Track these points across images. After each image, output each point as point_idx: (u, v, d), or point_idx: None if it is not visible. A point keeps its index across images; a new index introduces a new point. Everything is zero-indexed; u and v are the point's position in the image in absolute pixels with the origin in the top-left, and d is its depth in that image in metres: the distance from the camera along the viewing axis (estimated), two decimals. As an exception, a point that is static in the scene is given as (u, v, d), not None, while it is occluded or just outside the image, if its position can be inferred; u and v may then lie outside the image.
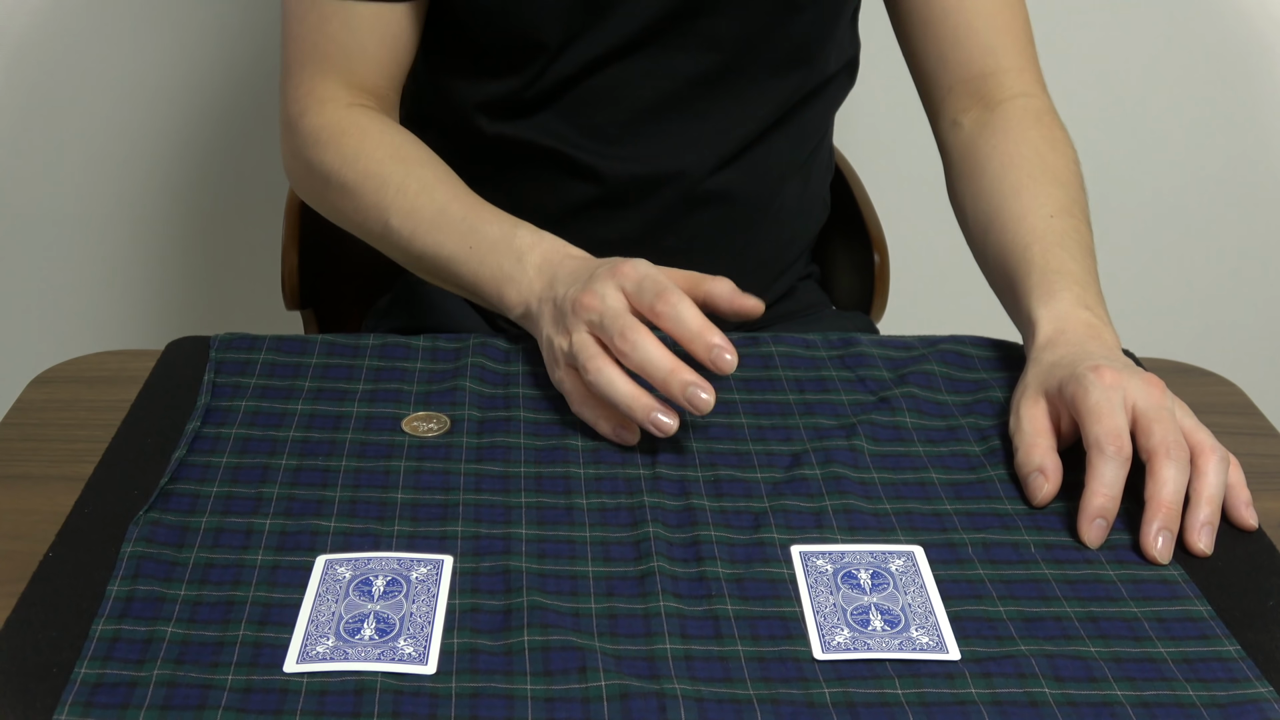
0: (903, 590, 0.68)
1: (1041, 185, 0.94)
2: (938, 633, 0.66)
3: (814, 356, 0.90)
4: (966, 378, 0.88)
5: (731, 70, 1.00)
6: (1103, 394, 0.74)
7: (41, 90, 1.64)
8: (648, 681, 0.61)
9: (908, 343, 0.92)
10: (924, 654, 0.64)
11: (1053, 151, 0.97)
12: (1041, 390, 0.79)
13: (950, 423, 0.83)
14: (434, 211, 0.91)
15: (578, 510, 0.74)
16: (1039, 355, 0.82)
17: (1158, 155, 1.74)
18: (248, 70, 1.64)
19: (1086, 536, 0.72)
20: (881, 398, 0.85)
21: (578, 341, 0.79)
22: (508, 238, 0.88)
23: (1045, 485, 0.75)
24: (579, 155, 1.01)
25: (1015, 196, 0.93)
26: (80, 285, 1.76)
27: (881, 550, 0.71)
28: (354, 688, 0.61)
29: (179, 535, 0.71)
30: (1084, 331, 0.82)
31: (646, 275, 0.79)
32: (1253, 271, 1.82)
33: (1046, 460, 0.75)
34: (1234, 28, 1.66)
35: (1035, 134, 0.98)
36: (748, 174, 1.05)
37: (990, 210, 0.95)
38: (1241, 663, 0.64)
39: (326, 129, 0.97)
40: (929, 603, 0.68)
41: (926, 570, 0.70)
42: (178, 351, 0.89)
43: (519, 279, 0.86)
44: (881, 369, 0.88)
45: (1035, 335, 0.83)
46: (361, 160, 0.95)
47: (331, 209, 0.99)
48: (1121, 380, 0.75)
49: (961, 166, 1.02)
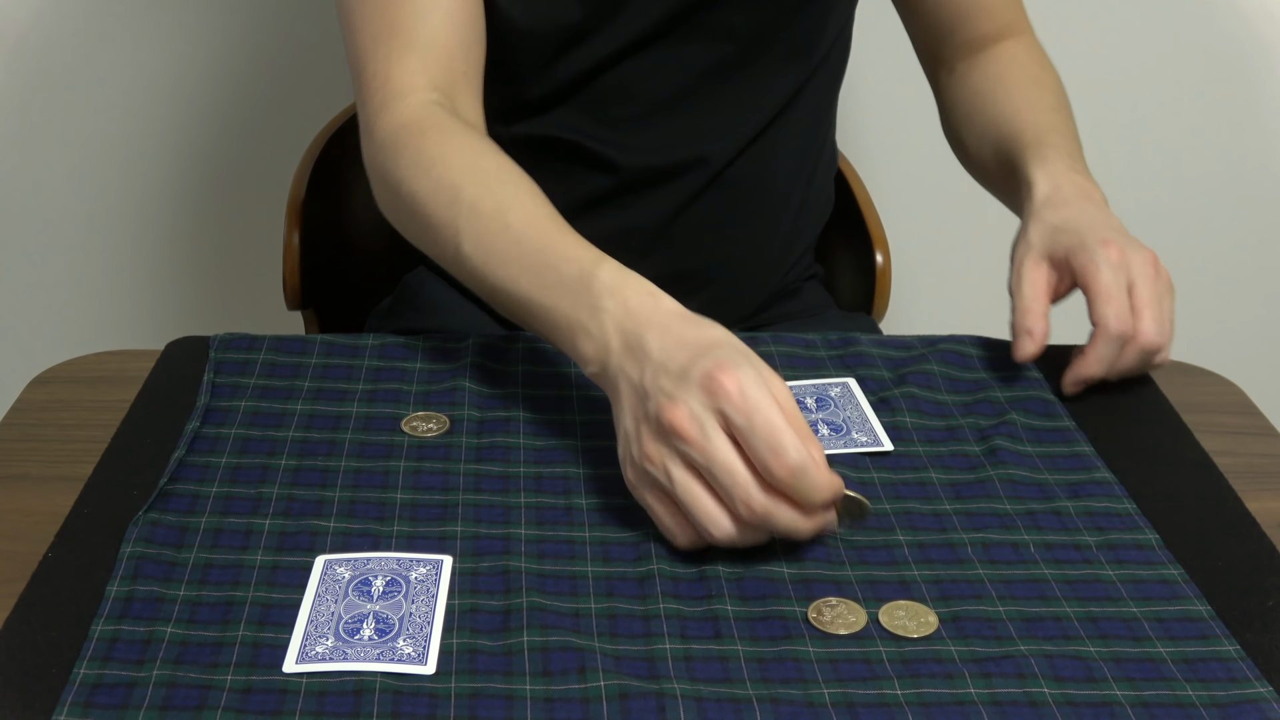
0: (841, 408, 0.84)
1: (1033, 90, 1.03)
2: (873, 433, 0.81)
3: (814, 356, 0.90)
4: (966, 378, 0.88)
5: (744, 59, 1.01)
6: (1112, 275, 0.83)
7: (41, 90, 1.64)
8: (647, 681, 0.61)
9: (908, 343, 0.92)
10: (865, 448, 0.80)
11: (1041, 69, 1.06)
12: (1046, 253, 0.87)
13: (950, 423, 0.83)
14: (508, 241, 0.81)
15: (577, 510, 0.74)
16: (1040, 212, 0.89)
17: (1158, 155, 1.74)
18: (249, 70, 1.64)
19: (1068, 385, 0.86)
20: (881, 398, 0.85)
21: (681, 487, 0.69)
22: (585, 280, 0.76)
23: (1030, 347, 0.84)
24: (595, 147, 1.02)
25: (1008, 100, 1.03)
26: (80, 285, 1.76)
27: (822, 382, 0.87)
28: (353, 688, 0.61)
29: (178, 536, 0.71)
30: (1078, 191, 0.90)
31: (756, 411, 0.67)
32: (1253, 271, 1.81)
33: (1038, 326, 0.84)
34: (1234, 28, 1.66)
35: (1025, 56, 1.07)
36: (761, 161, 1.06)
37: (986, 116, 1.04)
38: (1241, 663, 0.64)
39: (406, 129, 0.89)
40: (864, 414, 0.83)
41: (859, 393, 0.85)
42: (177, 351, 0.89)
43: (594, 333, 0.75)
44: (881, 369, 0.88)
45: (1033, 193, 0.91)
46: (436, 168, 0.86)
47: (409, 230, 0.90)
48: (1126, 258, 0.84)
49: (956, 95, 1.10)
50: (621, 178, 1.03)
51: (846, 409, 0.84)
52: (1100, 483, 0.78)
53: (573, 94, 1.01)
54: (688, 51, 1.00)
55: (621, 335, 0.74)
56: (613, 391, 0.75)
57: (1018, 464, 0.79)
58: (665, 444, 0.69)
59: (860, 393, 0.86)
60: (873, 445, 0.80)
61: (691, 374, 0.69)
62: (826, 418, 0.83)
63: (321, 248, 1.23)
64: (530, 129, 1.03)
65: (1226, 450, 0.82)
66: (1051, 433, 0.82)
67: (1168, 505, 0.76)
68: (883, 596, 0.68)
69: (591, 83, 1.00)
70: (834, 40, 1.06)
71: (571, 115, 1.02)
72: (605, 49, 0.98)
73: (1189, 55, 1.68)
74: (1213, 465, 0.80)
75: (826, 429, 0.82)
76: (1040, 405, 0.85)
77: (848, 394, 0.85)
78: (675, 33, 0.99)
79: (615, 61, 0.99)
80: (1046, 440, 0.82)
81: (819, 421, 0.83)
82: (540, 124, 1.02)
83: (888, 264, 1.24)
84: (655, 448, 0.70)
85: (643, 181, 1.03)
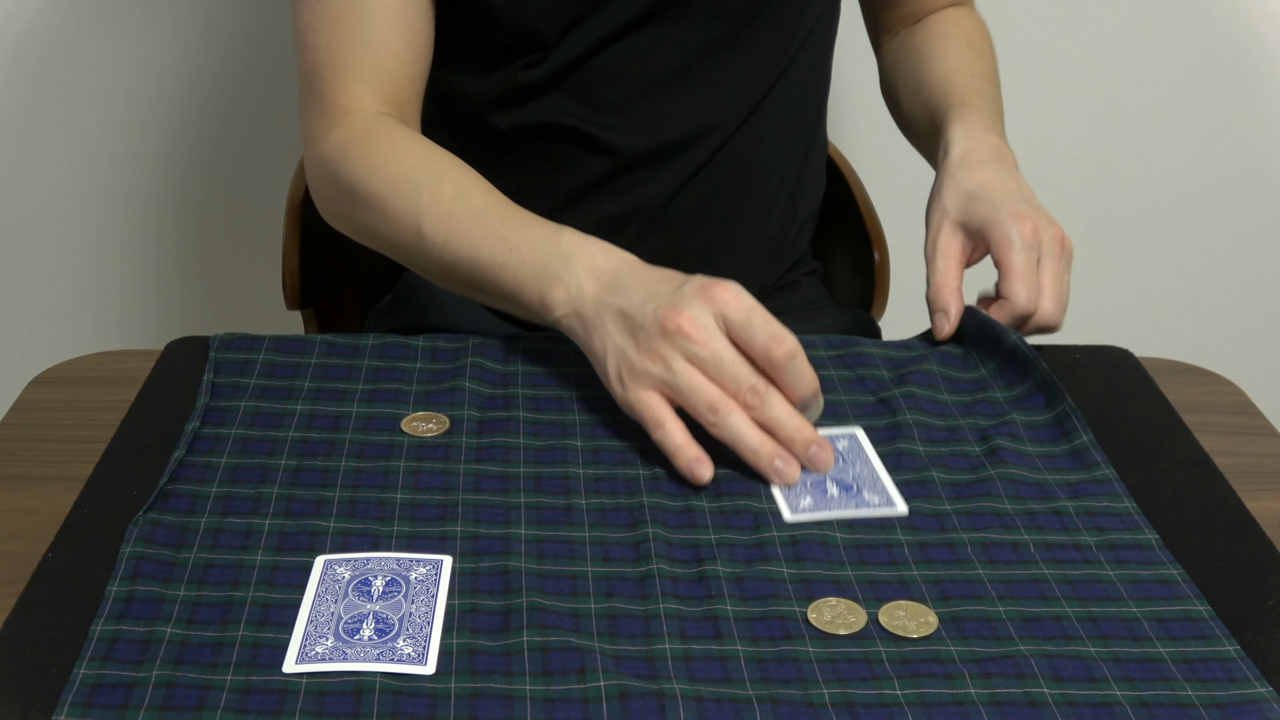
0: (851, 464, 0.78)
1: (968, 53, 1.08)
2: (886, 494, 0.76)
3: (814, 356, 0.90)
4: (966, 378, 0.88)
5: (733, 36, 1.02)
6: (1024, 255, 0.88)
7: (41, 90, 1.64)
8: (647, 682, 0.61)
9: (908, 343, 0.92)
10: (877, 511, 0.74)
11: (979, 35, 1.11)
12: (960, 222, 0.91)
13: (950, 423, 0.83)
14: (470, 215, 0.88)
15: (577, 510, 0.74)
16: (955, 173, 0.93)
17: (1157, 155, 1.74)
18: (248, 69, 1.64)
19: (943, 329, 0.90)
20: (881, 399, 0.85)
21: (684, 376, 0.76)
22: (551, 239, 0.84)
23: (946, 326, 0.90)
24: (592, 130, 1.02)
25: (942, 61, 1.07)
26: (80, 285, 1.76)
27: (828, 433, 0.80)
28: (353, 688, 0.61)
29: (178, 536, 0.71)
30: (992, 152, 0.94)
31: (753, 309, 0.76)
32: (1253, 271, 1.81)
33: (952, 303, 0.90)
34: (1234, 28, 1.66)
35: (965, 21, 1.13)
36: (756, 137, 1.06)
37: (920, 74, 1.08)
38: (1241, 663, 0.64)
39: (354, 139, 0.94)
40: (874, 471, 0.77)
41: (868, 446, 0.80)
42: (177, 351, 0.89)
43: (566, 279, 0.82)
44: (881, 369, 0.88)
45: (949, 152, 0.95)
46: (392, 167, 0.92)
47: (361, 225, 0.95)
48: (1038, 235, 0.89)
49: (896, 55, 1.15)
50: (619, 160, 1.03)
51: (856, 464, 0.78)
52: (1100, 481, 0.78)
53: (566, 79, 1.01)
54: (678, 31, 1.00)
55: (595, 278, 0.81)
56: (590, 327, 0.81)
57: (1019, 464, 0.79)
58: (668, 343, 0.76)
59: (868, 445, 0.80)
60: (885, 507, 0.75)
61: (685, 290, 0.77)
62: (835, 475, 0.77)
63: (321, 247, 1.23)
64: (527, 116, 1.03)
65: (1226, 450, 0.82)
66: (1052, 429, 0.82)
67: (1168, 505, 0.76)
68: (883, 596, 0.68)
69: (584, 66, 1.01)
70: (820, 12, 1.07)
71: (566, 100, 1.02)
72: (598, 33, 0.99)
73: (1188, 55, 1.68)
74: (1213, 465, 0.80)
75: (835, 488, 0.76)
76: (1040, 402, 0.84)
77: (855, 447, 0.80)
78: (666, 14, 0.99)
79: (607, 44, 1.00)
80: (1047, 440, 0.82)
81: (827, 480, 0.77)
82: (536, 110, 1.03)
83: (885, 261, 1.24)
84: (657, 345, 0.76)
85: (639, 163, 1.03)
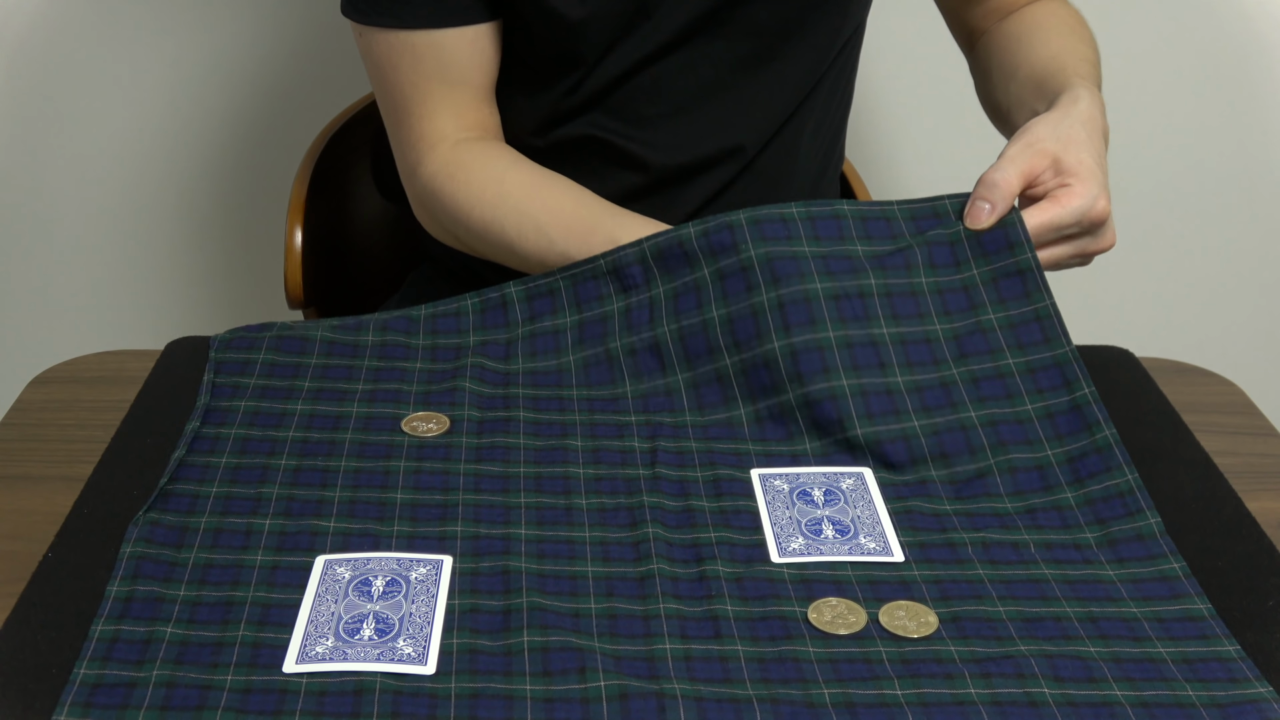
0: (852, 505, 0.75)
1: (1071, 39, 1.03)
2: (884, 539, 0.72)
3: (787, 221, 0.87)
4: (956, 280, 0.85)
5: (768, 54, 1.02)
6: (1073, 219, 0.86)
7: (41, 90, 1.64)
8: (647, 682, 0.61)
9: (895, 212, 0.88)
10: (872, 557, 0.71)
11: (1079, 23, 1.07)
12: (1055, 155, 0.87)
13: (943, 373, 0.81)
14: (567, 220, 0.95)
15: (577, 510, 0.74)
16: (1079, 121, 0.90)
17: (1157, 155, 1.74)
18: (251, 69, 1.64)
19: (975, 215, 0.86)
20: (860, 288, 0.84)
21: None
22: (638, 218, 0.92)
23: (982, 217, 0.86)
24: (626, 145, 1.03)
25: (1046, 44, 1.02)
26: (80, 285, 1.76)
27: (833, 471, 0.78)
28: (353, 688, 0.61)
29: (178, 536, 0.71)
30: (1106, 135, 0.93)
31: None
32: (1253, 271, 1.81)
33: (1001, 203, 0.86)
34: (1234, 28, 1.66)
35: (1064, 11, 1.08)
36: (784, 151, 1.07)
37: (1018, 60, 1.03)
38: (1241, 663, 0.64)
39: (439, 175, 0.99)
40: (876, 515, 0.74)
41: (875, 489, 0.76)
42: (178, 351, 0.89)
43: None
44: (857, 245, 0.85)
45: (1078, 102, 0.91)
46: (486, 191, 0.98)
47: (467, 248, 1.02)
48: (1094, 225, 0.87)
49: (992, 45, 1.09)
50: (649, 175, 1.04)
51: (858, 506, 0.75)
52: (1101, 449, 0.77)
53: (601, 100, 1.02)
54: (714, 49, 1.01)
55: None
56: None
57: (1016, 442, 0.78)
58: None
59: (876, 487, 0.76)
60: (881, 554, 0.71)
61: None
62: (833, 515, 0.74)
63: (323, 247, 1.23)
64: (564, 133, 1.04)
65: (1226, 450, 0.82)
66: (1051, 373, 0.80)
67: (1168, 505, 0.76)
68: (883, 596, 0.68)
69: (623, 86, 1.02)
70: (853, 31, 1.08)
71: (601, 116, 1.03)
72: (637, 53, 1.00)
73: (1189, 55, 1.68)
74: (1213, 465, 0.80)
75: (831, 529, 0.73)
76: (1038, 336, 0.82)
77: (861, 487, 0.76)
78: (703, 32, 1.00)
79: (646, 65, 1.01)
80: (1046, 388, 0.80)
81: (823, 519, 0.74)
82: (573, 127, 1.04)
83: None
84: None
85: (672, 177, 1.05)
